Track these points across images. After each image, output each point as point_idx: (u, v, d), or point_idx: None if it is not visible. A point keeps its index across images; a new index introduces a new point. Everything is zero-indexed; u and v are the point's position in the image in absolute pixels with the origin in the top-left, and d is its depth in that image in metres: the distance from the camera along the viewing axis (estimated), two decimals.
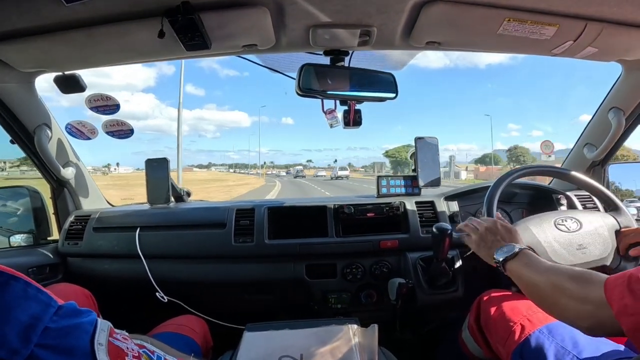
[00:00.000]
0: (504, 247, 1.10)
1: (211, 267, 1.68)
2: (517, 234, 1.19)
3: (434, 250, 1.48)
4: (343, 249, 1.67)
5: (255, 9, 1.06)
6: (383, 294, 1.62)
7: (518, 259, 1.05)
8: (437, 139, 1.93)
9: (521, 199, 1.91)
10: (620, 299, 0.71)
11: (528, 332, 1.08)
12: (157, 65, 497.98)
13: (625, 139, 1.78)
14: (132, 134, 1.75)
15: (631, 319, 0.69)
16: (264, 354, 1.06)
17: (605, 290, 0.75)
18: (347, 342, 1.10)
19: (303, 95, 1.28)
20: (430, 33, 1.20)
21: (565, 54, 1.31)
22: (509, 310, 1.18)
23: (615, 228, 1.36)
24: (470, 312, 1.35)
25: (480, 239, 1.21)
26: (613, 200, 1.45)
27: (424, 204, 1.76)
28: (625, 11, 1.09)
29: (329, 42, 1.27)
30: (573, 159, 1.99)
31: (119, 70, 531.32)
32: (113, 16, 1.07)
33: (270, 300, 1.72)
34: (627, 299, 0.70)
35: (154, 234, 1.69)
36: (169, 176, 1.87)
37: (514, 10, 1.09)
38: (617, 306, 0.71)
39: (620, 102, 1.65)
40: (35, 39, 1.14)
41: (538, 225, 1.33)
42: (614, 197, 1.46)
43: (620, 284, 0.73)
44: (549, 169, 1.69)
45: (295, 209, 1.78)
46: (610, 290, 0.74)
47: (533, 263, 1.02)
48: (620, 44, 1.27)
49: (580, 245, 1.30)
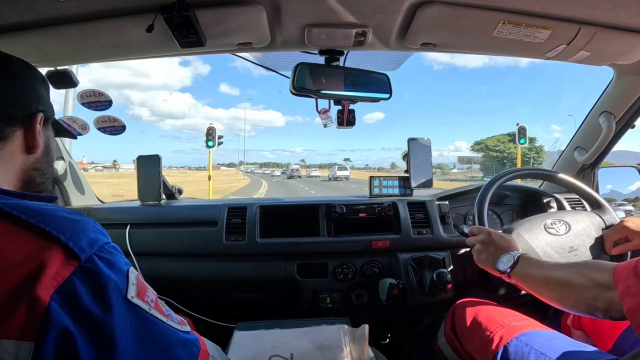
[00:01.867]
0: (503, 258, 1.14)
1: (202, 265, 1.67)
2: (512, 241, 1.22)
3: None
4: (334, 248, 1.67)
5: (251, 7, 1.06)
6: (374, 294, 1.62)
7: (520, 264, 1.09)
8: (430, 140, 1.94)
9: (512, 201, 1.92)
10: (625, 279, 0.76)
11: (506, 340, 1.09)
12: (192, 64, 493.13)
13: (615, 143, 1.80)
14: (123, 131, 1.73)
15: (633, 299, 0.73)
16: (254, 354, 1.06)
17: (613, 274, 0.80)
18: (338, 342, 1.10)
19: (297, 94, 1.28)
20: (425, 34, 1.20)
21: (558, 57, 1.32)
22: (484, 319, 1.20)
23: (601, 226, 1.40)
24: (446, 320, 1.36)
25: (479, 253, 1.23)
26: (596, 199, 1.48)
27: (415, 205, 1.77)
28: (619, 16, 1.10)
29: (324, 42, 1.27)
30: (563, 163, 2.01)
31: (157, 70, 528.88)
32: (107, 12, 1.06)
33: (261, 299, 1.72)
34: (631, 279, 0.74)
35: (145, 231, 1.68)
36: (161, 173, 1.85)
37: (509, 13, 1.09)
38: (621, 287, 0.76)
39: (611, 106, 1.67)
40: (28, 34, 1.13)
41: (529, 231, 1.34)
42: (597, 196, 1.49)
43: (627, 266, 0.78)
44: (536, 171, 1.72)
45: (287, 208, 1.77)
46: (618, 273, 0.79)
47: (537, 264, 1.07)
48: (613, 48, 1.28)
49: (571, 247, 1.32)
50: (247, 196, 17.74)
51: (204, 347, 0.65)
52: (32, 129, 0.72)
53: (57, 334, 0.48)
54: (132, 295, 0.56)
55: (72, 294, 0.50)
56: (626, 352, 0.87)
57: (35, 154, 0.74)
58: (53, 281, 0.49)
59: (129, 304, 0.55)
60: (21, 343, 0.47)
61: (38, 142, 0.73)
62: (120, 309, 0.53)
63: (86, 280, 0.52)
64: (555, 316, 1.47)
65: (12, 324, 0.47)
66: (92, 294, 0.52)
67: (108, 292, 0.53)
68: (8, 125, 0.69)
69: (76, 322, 0.50)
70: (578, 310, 0.93)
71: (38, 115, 0.73)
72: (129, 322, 0.54)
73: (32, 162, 0.74)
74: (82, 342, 0.50)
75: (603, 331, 1.22)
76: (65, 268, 0.51)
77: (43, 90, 0.78)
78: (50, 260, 0.50)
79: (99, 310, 0.51)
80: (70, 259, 0.51)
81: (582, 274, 0.90)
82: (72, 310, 0.50)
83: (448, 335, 1.32)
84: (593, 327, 1.27)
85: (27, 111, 0.72)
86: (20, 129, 0.71)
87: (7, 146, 0.69)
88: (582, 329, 1.32)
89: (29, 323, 0.47)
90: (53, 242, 0.52)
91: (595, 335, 1.26)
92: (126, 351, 0.52)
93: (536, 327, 1.14)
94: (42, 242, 0.52)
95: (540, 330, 1.12)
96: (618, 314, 0.80)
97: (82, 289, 0.51)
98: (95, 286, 0.52)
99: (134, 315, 0.55)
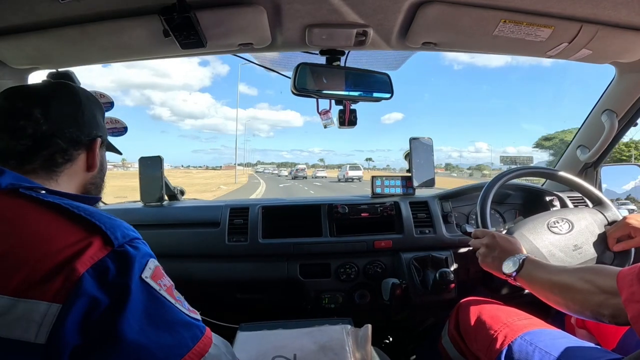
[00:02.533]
0: (509, 261, 1.14)
1: (204, 266, 1.67)
2: (517, 243, 1.21)
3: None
4: (337, 248, 1.66)
5: (252, 8, 1.06)
6: (377, 294, 1.61)
7: (525, 267, 1.09)
8: (432, 140, 1.93)
9: (514, 200, 1.92)
10: (629, 286, 0.75)
11: (510, 339, 1.09)
12: (211, 64, 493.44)
13: (617, 141, 1.80)
14: (125, 132, 1.73)
15: (637, 305, 0.72)
16: (258, 354, 1.06)
17: (617, 280, 0.79)
18: (341, 343, 1.10)
19: (298, 95, 1.28)
20: (426, 34, 1.20)
21: (560, 55, 1.32)
22: (489, 319, 1.20)
23: (604, 223, 1.39)
24: (450, 319, 1.36)
25: (485, 256, 1.23)
26: (597, 196, 1.48)
27: (418, 205, 1.76)
28: (620, 14, 1.09)
29: (325, 42, 1.27)
30: (566, 161, 2.01)
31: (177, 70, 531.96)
32: (108, 13, 1.06)
33: (264, 299, 1.72)
34: (635, 286, 0.73)
35: (147, 233, 1.66)
36: (163, 174, 1.85)
37: (510, 11, 1.09)
38: (625, 293, 0.75)
39: (613, 104, 1.67)
40: (29, 36, 1.13)
41: (533, 231, 1.34)
42: (598, 193, 1.49)
43: (630, 273, 0.77)
44: (538, 170, 1.71)
45: (289, 209, 1.77)
46: (622, 280, 0.78)
47: (542, 267, 1.07)
48: (614, 47, 1.28)
49: (575, 245, 1.32)
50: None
51: (209, 334, 0.71)
52: (92, 151, 0.86)
53: (87, 301, 0.57)
54: (146, 276, 0.64)
55: (104, 270, 0.60)
56: (630, 352, 0.87)
57: (93, 172, 0.88)
58: (91, 260, 0.60)
59: (143, 282, 0.63)
60: (51, 305, 0.56)
61: (96, 162, 0.88)
62: (137, 285, 0.62)
63: (116, 261, 0.62)
64: (558, 315, 1.46)
65: (49, 288, 0.57)
66: (119, 271, 0.61)
67: (130, 270, 0.62)
68: (75, 149, 0.83)
69: (103, 292, 0.59)
70: (584, 315, 0.92)
71: (98, 140, 0.87)
72: (141, 297, 0.62)
73: (90, 178, 0.89)
74: (104, 306, 0.59)
75: (607, 330, 1.22)
76: (101, 251, 0.61)
77: (100, 116, 0.91)
78: (93, 244, 0.61)
79: (122, 282, 0.61)
80: (107, 245, 0.62)
81: (586, 279, 0.89)
82: (101, 283, 0.59)
83: (452, 334, 1.32)
84: (597, 326, 1.26)
85: (89, 137, 0.85)
86: (84, 152, 0.85)
87: (73, 166, 0.83)
88: (586, 328, 1.31)
89: (63, 289, 0.57)
90: (96, 232, 0.63)
91: (599, 334, 1.25)
92: (135, 318, 0.60)
93: (540, 326, 1.13)
94: (88, 231, 0.63)
95: (544, 329, 1.12)
96: (625, 319, 0.80)
97: (112, 267, 0.61)
98: (122, 265, 0.62)
99: (146, 293, 0.63)
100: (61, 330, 0.56)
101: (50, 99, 0.81)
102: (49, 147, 0.78)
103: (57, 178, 0.80)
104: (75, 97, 0.85)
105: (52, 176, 0.79)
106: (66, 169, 0.81)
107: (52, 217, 0.65)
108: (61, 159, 0.80)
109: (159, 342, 0.62)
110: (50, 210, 0.65)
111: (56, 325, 0.56)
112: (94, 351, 0.58)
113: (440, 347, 1.38)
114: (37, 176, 0.77)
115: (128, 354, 0.59)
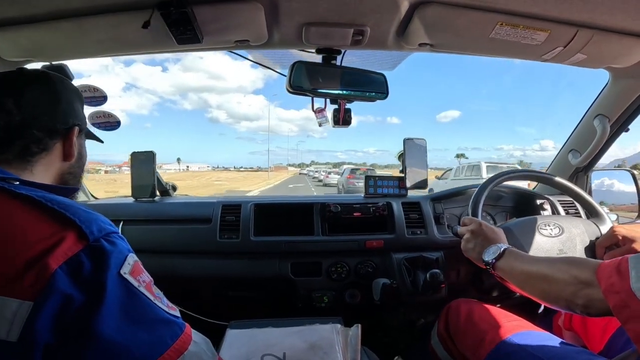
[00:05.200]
0: (490, 248, 1.14)
1: (195, 263, 1.66)
2: (501, 234, 1.22)
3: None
4: (329, 247, 1.66)
5: (249, 4, 1.06)
6: (367, 293, 1.62)
7: (505, 257, 1.09)
8: (425, 141, 1.93)
9: (505, 203, 1.93)
10: (608, 277, 0.76)
11: (498, 340, 1.10)
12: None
13: (609, 146, 1.81)
14: (118, 126, 1.72)
15: (616, 296, 0.73)
16: (247, 352, 1.06)
17: (597, 272, 0.80)
18: (331, 342, 1.10)
19: (293, 93, 1.28)
20: (423, 35, 1.20)
21: (555, 59, 1.33)
22: (478, 319, 1.21)
23: (596, 234, 1.39)
24: (439, 320, 1.37)
25: (467, 242, 1.24)
26: (594, 207, 1.48)
27: (410, 205, 1.77)
28: (615, 19, 1.10)
29: (321, 41, 1.27)
30: (557, 165, 2.02)
31: (231, 72, 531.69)
32: (105, 7, 1.06)
33: (254, 297, 1.71)
34: (614, 277, 0.74)
35: (138, 228, 1.67)
36: (155, 170, 1.84)
37: (507, 14, 1.10)
38: (604, 284, 0.77)
39: (606, 109, 1.68)
40: (24, 28, 1.12)
41: (522, 228, 1.35)
42: (595, 204, 1.49)
43: (610, 265, 0.78)
44: (533, 174, 1.72)
45: (281, 207, 1.77)
46: (601, 271, 0.79)
47: (522, 257, 1.07)
48: (609, 51, 1.29)
49: (560, 250, 1.33)
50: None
51: (189, 331, 0.70)
52: (69, 140, 0.85)
53: (60, 298, 0.56)
54: (124, 272, 0.63)
55: (78, 266, 0.59)
56: (617, 354, 0.88)
57: (71, 161, 0.87)
58: (64, 255, 0.58)
59: (121, 278, 0.62)
60: (23, 302, 0.55)
61: (73, 152, 0.87)
62: (113, 280, 0.61)
63: (91, 256, 0.61)
64: (546, 317, 1.48)
65: (21, 286, 0.56)
66: (94, 266, 0.60)
67: (106, 265, 0.61)
68: (51, 138, 0.82)
69: (77, 289, 0.58)
70: (559, 305, 0.93)
71: (74, 128, 0.87)
72: (118, 294, 0.61)
73: (67, 168, 0.87)
74: (79, 303, 0.58)
75: (594, 332, 1.23)
76: (76, 246, 0.60)
77: (78, 105, 0.91)
78: (66, 238, 0.60)
79: (97, 278, 0.60)
80: (81, 239, 0.61)
81: (564, 270, 0.90)
82: (75, 279, 0.58)
83: (441, 335, 1.32)
84: (584, 328, 1.27)
85: (65, 125, 0.85)
86: (60, 141, 0.84)
87: (49, 156, 0.82)
88: (573, 330, 1.32)
89: (35, 286, 0.56)
90: (70, 226, 0.62)
91: (586, 336, 1.26)
92: (112, 315, 0.59)
93: (528, 328, 1.14)
94: (61, 224, 0.62)
95: (532, 331, 1.13)
96: (596, 310, 0.81)
97: (87, 263, 0.60)
98: (98, 261, 0.61)
99: (124, 289, 0.62)
100: (33, 328, 0.55)
101: (24, 88, 0.81)
102: (22, 138, 0.78)
103: (32, 168, 0.79)
104: (51, 86, 0.85)
105: (26, 166, 0.78)
106: (42, 158, 0.80)
107: (24, 211, 0.63)
108: (36, 148, 0.79)
109: (136, 340, 0.61)
110: (23, 203, 0.64)
111: (28, 323, 0.55)
112: (69, 349, 0.58)
113: (430, 348, 1.38)
114: (11, 166, 0.76)
115: (105, 352, 0.58)
